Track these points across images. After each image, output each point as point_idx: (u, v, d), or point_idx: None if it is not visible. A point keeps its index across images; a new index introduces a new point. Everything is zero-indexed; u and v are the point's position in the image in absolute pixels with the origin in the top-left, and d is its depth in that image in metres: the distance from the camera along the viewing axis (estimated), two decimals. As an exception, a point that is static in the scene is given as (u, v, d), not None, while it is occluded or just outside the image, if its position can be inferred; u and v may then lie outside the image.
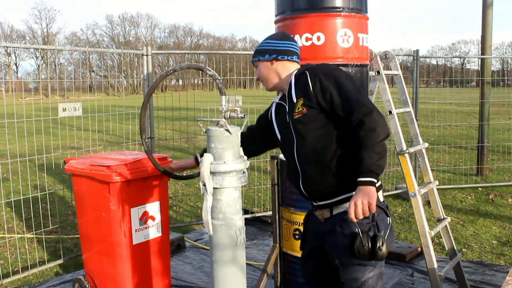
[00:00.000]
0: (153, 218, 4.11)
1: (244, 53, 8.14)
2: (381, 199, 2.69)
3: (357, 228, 2.43)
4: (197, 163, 3.15)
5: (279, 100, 2.86)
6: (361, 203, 2.34)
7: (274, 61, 2.77)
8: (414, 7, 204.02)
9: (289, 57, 2.77)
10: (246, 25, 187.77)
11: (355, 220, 2.38)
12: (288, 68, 2.78)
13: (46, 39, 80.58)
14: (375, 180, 2.40)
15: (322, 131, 2.59)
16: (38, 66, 75.91)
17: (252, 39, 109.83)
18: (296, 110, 2.64)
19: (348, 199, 2.51)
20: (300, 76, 2.68)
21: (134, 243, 3.97)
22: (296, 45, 2.83)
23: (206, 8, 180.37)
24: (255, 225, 6.48)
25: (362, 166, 2.40)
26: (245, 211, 6.58)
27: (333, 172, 2.59)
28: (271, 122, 2.91)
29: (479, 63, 9.81)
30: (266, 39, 2.83)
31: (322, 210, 2.72)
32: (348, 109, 2.47)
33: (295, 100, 2.66)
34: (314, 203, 2.80)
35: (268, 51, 2.78)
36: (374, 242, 2.40)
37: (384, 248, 2.40)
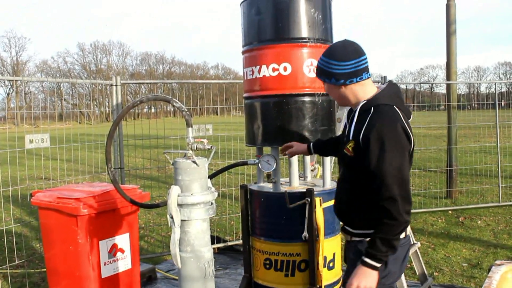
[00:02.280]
0: (122, 251, 4.05)
1: (216, 82, 8.18)
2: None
3: None
4: (309, 152, 3.27)
5: (348, 112, 2.74)
6: (363, 287, 2.38)
7: (342, 86, 2.54)
8: (385, 34, 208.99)
9: (357, 79, 2.51)
10: (219, 52, 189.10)
11: None
12: (356, 93, 2.54)
13: (15, 68, 79.60)
14: (380, 265, 2.40)
15: (358, 176, 2.50)
16: (8, 94, 74.78)
17: (224, 66, 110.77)
18: (347, 146, 2.54)
19: (363, 235, 2.56)
20: (363, 112, 2.49)
21: (103, 276, 3.90)
22: (363, 59, 2.51)
23: (178, 35, 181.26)
24: (227, 254, 6.41)
25: (372, 250, 2.38)
26: (218, 240, 6.52)
27: (356, 209, 2.58)
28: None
29: (446, 88, 10.06)
30: (331, 58, 2.52)
31: (345, 234, 2.73)
32: (377, 186, 2.36)
33: (350, 137, 2.53)
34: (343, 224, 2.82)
35: (334, 75, 2.51)
36: None
37: None
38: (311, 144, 3.28)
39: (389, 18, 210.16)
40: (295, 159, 3.75)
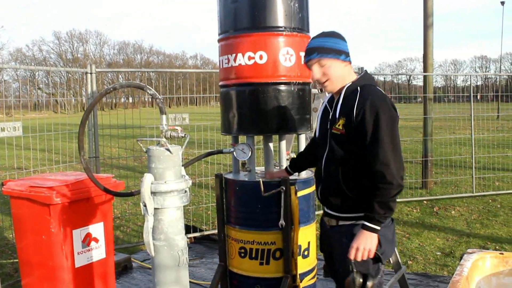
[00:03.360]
0: (96, 240, 4.01)
1: (194, 71, 8.14)
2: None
3: (351, 266, 2.60)
4: (288, 174, 3.45)
5: (328, 101, 2.88)
6: (363, 248, 2.56)
7: (348, 63, 2.75)
8: (364, 27, 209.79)
9: (350, 60, 2.77)
10: (197, 42, 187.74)
11: (353, 259, 2.58)
12: (348, 73, 2.76)
13: (-13, 56, 77.80)
14: (379, 228, 2.57)
15: (351, 154, 2.65)
16: (-19, 83, 73.03)
17: (203, 56, 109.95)
18: (336, 126, 2.70)
19: (354, 218, 2.71)
20: (351, 92, 2.69)
21: (76, 266, 3.85)
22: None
23: (156, 25, 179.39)
24: (204, 243, 6.41)
25: (371, 214, 2.55)
26: (194, 229, 6.52)
27: (347, 191, 2.71)
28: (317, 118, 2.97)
29: (423, 80, 10.16)
30: (338, 37, 2.73)
31: (329, 218, 2.87)
32: (372, 153, 2.53)
33: (337, 116, 2.70)
34: (325, 209, 2.93)
35: (344, 52, 2.71)
36: (365, 282, 2.58)
37: None
38: (287, 167, 3.47)
39: (370, 10, 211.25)
40: (270, 148, 3.75)
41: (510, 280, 3.15)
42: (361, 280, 2.59)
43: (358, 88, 2.67)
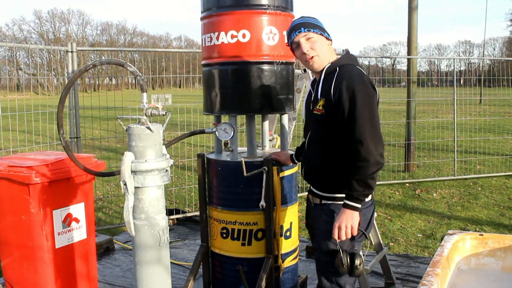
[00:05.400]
0: (77, 220, 3.97)
1: (179, 51, 8.03)
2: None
3: (338, 246, 2.65)
4: (293, 162, 3.45)
5: (311, 84, 2.93)
6: (345, 226, 2.59)
7: (331, 42, 2.80)
8: (349, 10, 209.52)
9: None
10: (181, 23, 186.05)
11: (337, 239, 2.62)
12: (331, 54, 2.80)
13: (-33, 35, 76.19)
14: (360, 206, 2.61)
15: (332, 134, 2.68)
16: (-40, 63, 71.53)
17: (187, 37, 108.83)
18: (317, 107, 2.73)
19: (336, 198, 2.74)
20: (330, 73, 2.71)
21: (57, 246, 3.81)
22: None
23: (140, 5, 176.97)
24: (186, 225, 6.40)
25: (351, 192, 2.59)
26: (177, 211, 6.50)
27: (329, 171, 2.76)
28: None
29: (407, 63, 10.18)
30: (314, 18, 2.80)
31: (313, 196, 2.91)
32: (350, 131, 2.55)
33: (318, 97, 2.74)
34: (310, 187, 2.98)
35: (326, 31, 2.78)
36: (353, 261, 2.63)
37: (361, 267, 2.63)
38: (292, 155, 3.45)
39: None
40: (253, 129, 3.72)
41: (489, 260, 3.20)
42: (348, 259, 2.63)
43: (337, 68, 2.70)
